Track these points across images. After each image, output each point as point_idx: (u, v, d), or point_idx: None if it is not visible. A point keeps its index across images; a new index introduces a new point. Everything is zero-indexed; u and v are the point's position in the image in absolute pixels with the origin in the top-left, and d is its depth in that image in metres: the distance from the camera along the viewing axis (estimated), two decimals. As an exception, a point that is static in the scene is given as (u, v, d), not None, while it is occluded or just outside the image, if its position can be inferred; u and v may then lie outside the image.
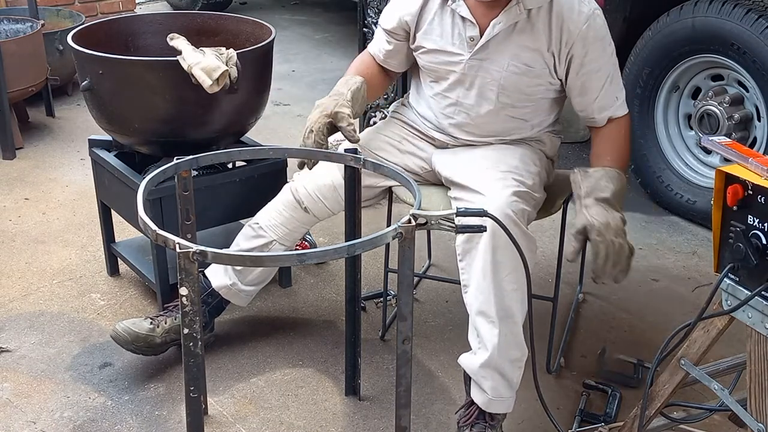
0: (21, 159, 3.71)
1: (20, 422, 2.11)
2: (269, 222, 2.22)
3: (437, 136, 2.21)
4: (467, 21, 2.00)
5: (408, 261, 1.53)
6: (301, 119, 4.26)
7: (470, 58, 2.03)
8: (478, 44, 2.01)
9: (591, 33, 1.97)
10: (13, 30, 4.08)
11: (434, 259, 2.89)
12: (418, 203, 1.61)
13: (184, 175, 1.79)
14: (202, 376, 1.47)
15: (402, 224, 1.49)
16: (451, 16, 2.04)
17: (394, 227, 1.49)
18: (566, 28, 1.96)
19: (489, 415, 1.98)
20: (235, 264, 2.11)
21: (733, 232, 1.42)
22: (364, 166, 1.87)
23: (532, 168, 2.08)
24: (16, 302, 2.62)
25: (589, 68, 2.01)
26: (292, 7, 6.82)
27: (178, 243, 1.38)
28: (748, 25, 2.79)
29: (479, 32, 2.00)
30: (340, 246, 1.42)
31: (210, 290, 2.31)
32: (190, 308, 1.41)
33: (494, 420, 1.99)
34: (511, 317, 1.92)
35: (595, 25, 1.98)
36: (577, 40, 1.97)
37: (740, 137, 2.98)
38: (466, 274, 1.95)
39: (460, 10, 2.01)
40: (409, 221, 1.49)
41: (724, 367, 1.69)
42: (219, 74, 2.20)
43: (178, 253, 1.37)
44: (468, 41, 2.02)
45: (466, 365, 1.99)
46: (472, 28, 2.00)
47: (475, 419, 1.98)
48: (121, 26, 2.75)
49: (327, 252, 1.44)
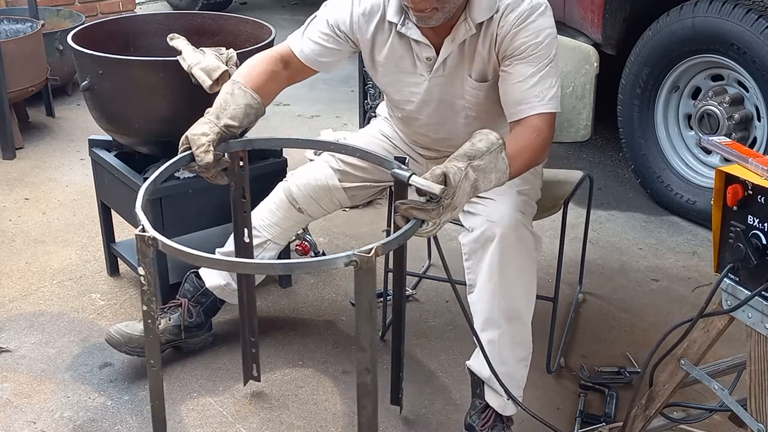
0: (21, 159, 3.71)
1: (20, 422, 2.10)
2: (263, 222, 2.22)
3: (422, 152, 2.23)
4: (421, 43, 1.95)
5: (366, 291, 1.41)
6: (301, 119, 4.27)
7: (431, 79, 2.00)
8: (435, 64, 1.97)
9: (525, 23, 1.87)
10: (13, 30, 4.08)
11: (434, 259, 2.88)
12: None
13: (240, 154, 1.88)
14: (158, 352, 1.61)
15: (359, 252, 1.37)
16: (407, 42, 1.98)
17: (349, 253, 1.37)
18: (501, 25, 1.89)
19: (506, 417, 2.00)
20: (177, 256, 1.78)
21: (733, 232, 1.42)
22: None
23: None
24: (16, 302, 2.62)
25: (514, 59, 1.90)
26: (292, 7, 6.82)
27: (142, 225, 1.47)
28: (748, 25, 2.79)
29: (435, 52, 1.96)
30: (277, 263, 1.42)
31: (203, 290, 2.31)
32: (147, 288, 1.51)
33: (510, 421, 2.01)
34: (518, 317, 1.92)
35: (531, 16, 1.87)
36: (509, 32, 1.88)
37: (740, 137, 2.98)
38: (472, 274, 1.95)
39: (410, 33, 1.94)
40: (369, 251, 1.37)
41: (724, 367, 1.69)
42: (219, 74, 2.20)
43: (136, 235, 1.46)
44: (426, 62, 1.98)
45: (477, 370, 1.99)
46: (428, 50, 1.95)
47: (493, 422, 1.99)
48: (121, 26, 2.75)
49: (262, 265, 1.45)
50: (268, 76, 1.96)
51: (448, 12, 1.83)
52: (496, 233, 1.86)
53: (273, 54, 2.04)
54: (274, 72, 1.99)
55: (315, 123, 4.19)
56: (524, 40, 1.86)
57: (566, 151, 3.76)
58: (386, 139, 2.27)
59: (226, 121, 1.83)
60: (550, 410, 2.17)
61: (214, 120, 1.83)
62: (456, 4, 1.83)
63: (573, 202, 2.38)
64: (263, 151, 2.56)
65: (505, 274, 1.88)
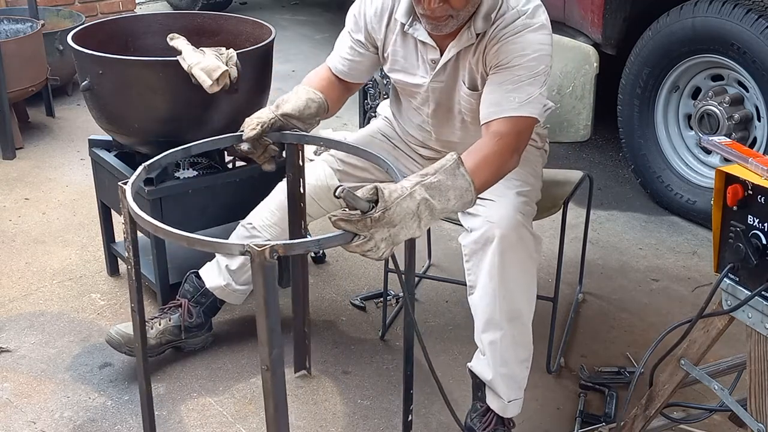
0: (21, 159, 3.71)
1: (20, 422, 2.11)
2: (262, 222, 2.22)
3: (422, 152, 2.23)
4: (428, 45, 1.98)
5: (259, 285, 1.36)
6: (301, 119, 4.26)
7: (431, 81, 2.02)
8: (437, 67, 1.99)
9: (515, 35, 1.86)
10: (13, 30, 4.07)
11: (434, 259, 2.89)
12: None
13: (299, 148, 1.99)
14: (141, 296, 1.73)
15: (254, 245, 1.33)
16: (413, 40, 2.01)
17: (245, 243, 1.36)
18: (491, 41, 1.89)
19: (507, 420, 2.00)
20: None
21: (733, 232, 1.42)
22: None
23: (527, 167, 2.08)
24: (16, 302, 2.62)
25: (498, 68, 1.89)
26: (292, 7, 6.82)
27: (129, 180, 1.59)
28: (748, 25, 2.79)
29: (440, 54, 1.98)
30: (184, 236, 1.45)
31: (203, 290, 2.31)
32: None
33: (511, 423, 2.01)
34: (518, 318, 1.93)
35: (525, 30, 1.86)
36: (494, 48, 1.88)
37: (740, 137, 2.98)
38: (473, 275, 1.95)
39: (418, 34, 1.97)
40: (262, 246, 1.33)
41: (724, 367, 1.69)
42: (219, 74, 2.20)
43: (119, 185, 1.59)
44: (430, 64, 2.00)
45: (479, 372, 1.99)
46: (433, 52, 1.98)
47: (494, 426, 1.99)
48: (121, 26, 2.75)
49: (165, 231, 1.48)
50: (326, 83, 2.10)
51: (462, 19, 1.87)
52: (496, 234, 1.86)
53: (325, 67, 2.16)
54: (330, 81, 2.12)
55: (315, 123, 4.19)
56: (509, 51, 1.86)
57: (566, 151, 3.77)
58: (386, 139, 2.27)
59: (284, 110, 1.96)
60: (550, 410, 2.17)
61: (273, 108, 1.97)
62: (469, 13, 1.86)
63: (573, 202, 2.38)
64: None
65: (506, 275, 1.88)
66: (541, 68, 1.86)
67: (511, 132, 1.83)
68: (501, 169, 1.79)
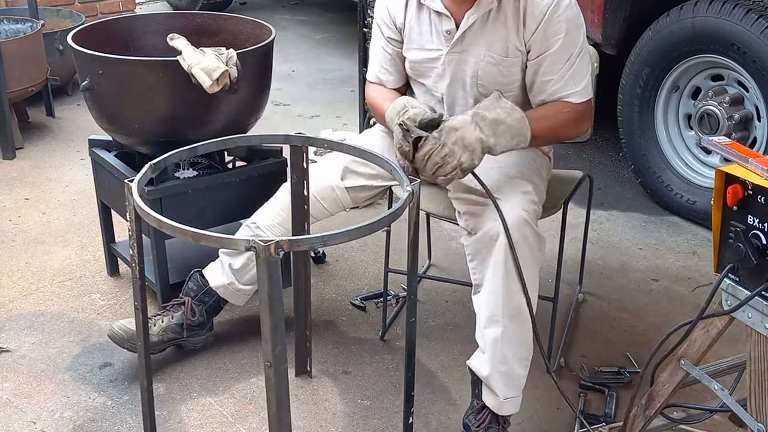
0: (21, 159, 3.71)
1: (20, 422, 2.11)
2: (267, 222, 2.22)
3: None
4: (443, 15, 2.00)
5: (264, 280, 1.37)
6: (301, 119, 4.26)
7: (448, 52, 2.03)
8: (454, 37, 2.01)
9: (554, 16, 1.92)
10: (13, 30, 4.07)
11: (434, 259, 2.89)
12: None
13: (303, 151, 2.03)
14: (144, 294, 1.72)
15: (260, 240, 1.35)
16: (428, 12, 2.04)
17: (251, 238, 1.37)
18: (530, 13, 1.94)
19: (502, 418, 1.99)
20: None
21: (733, 232, 1.42)
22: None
23: (532, 165, 2.09)
24: (16, 302, 2.62)
25: (548, 52, 1.96)
26: (292, 7, 6.82)
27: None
28: (748, 25, 2.79)
29: (455, 25, 2.00)
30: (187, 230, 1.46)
31: (207, 289, 2.32)
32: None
33: (506, 422, 2.00)
34: (520, 315, 1.92)
35: (558, 8, 1.93)
36: (539, 24, 1.93)
37: (740, 137, 2.98)
38: (478, 274, 1.95)
39: (433, 5, 2.01)
40: (268, 242, 1.34)
41: (724, 367, 1.69)
42: (219, 74, 2.20)
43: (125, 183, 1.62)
44: (445, 35, 2.02)
45: (476, 369, 1.99)
46: (448, 22, 2.00)
47: (488, 423, 1.98)
48: (121, 26, 2.75)
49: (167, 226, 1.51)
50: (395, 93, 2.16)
51: None
52: (500, 232, 1.86)
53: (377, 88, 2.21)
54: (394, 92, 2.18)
55: (315, 123, 4.19)
56: (555, 29, 1.94)
57: (566, 151, 3.76)
58: (390, 139, 2.26)
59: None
60: (550, 410, 2.17)
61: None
62: None
63: (573, 202, 2.38)
64: (265, 151, 2.56)
65: (510, 272, 1.88)
66: (581, 40, 1.98)
67: (579, 109, 1.99)
68: (561, 129, 1.99)
